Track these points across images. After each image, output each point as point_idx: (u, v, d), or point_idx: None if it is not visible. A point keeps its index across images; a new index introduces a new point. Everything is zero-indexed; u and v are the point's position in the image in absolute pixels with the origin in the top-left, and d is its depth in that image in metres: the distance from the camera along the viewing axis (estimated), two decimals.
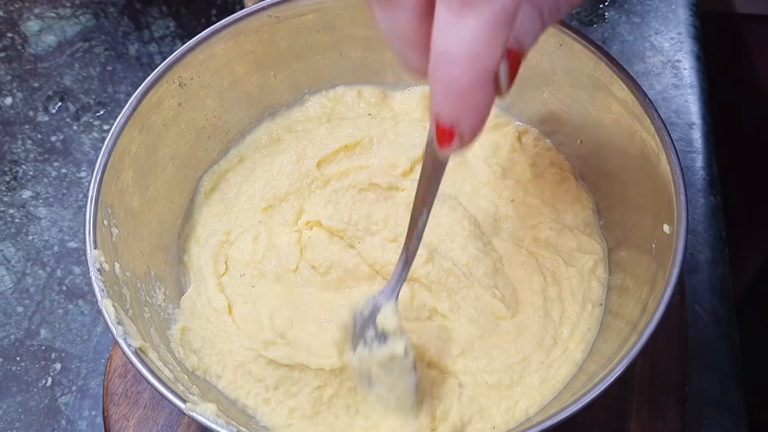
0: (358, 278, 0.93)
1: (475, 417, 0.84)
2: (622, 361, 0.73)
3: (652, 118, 0.85)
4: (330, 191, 0.97)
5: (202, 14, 1.42)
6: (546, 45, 0.95)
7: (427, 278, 0.90)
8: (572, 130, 1.01)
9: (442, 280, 0.90)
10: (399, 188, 0.99)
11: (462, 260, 0.92)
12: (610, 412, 0.94)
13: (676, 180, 0.81)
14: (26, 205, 1.21)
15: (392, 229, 0.94)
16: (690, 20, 1.37)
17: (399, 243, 0.92)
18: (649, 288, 0.81)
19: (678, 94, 1.28)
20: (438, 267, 0.91)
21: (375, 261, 0.92)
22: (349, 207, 0.95)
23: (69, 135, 1.28)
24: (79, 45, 1.39)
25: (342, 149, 1.02)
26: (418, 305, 0.91)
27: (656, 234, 0.84)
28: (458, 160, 1.03)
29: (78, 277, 1.13)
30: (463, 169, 1.03)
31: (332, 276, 0.93)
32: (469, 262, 0.92)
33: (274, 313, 0.90)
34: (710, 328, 1.06)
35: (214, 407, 0.75)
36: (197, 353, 0.89)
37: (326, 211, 0.94)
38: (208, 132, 1.02)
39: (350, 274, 0.93)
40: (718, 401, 1.01)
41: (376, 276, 0.93)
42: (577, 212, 0.99)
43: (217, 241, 0.97)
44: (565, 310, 0.91)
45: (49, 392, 1.04)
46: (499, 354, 0.88)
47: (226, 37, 0.96)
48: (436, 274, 0.90)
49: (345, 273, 0.92)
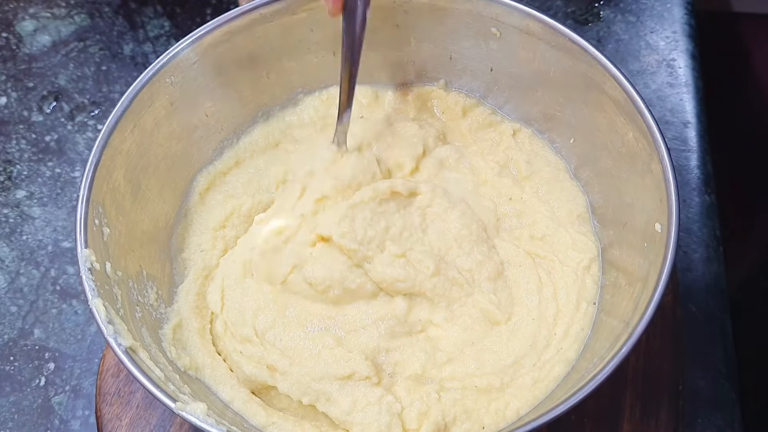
0: (357, 296, 0.92)
1: (461, 417, 0.83)
2: (614, 359, 0.73)
3: (644, 117, 0.85)
4: (348, 206, 0.92)
5: (196, 14, 1.42)
6: (540, 44, 0.96)
7: (433, 291, 0.91)
8: (566, 129, 1.01)
9: (446, 291, 0.91)
10: (418, 193, 0.97)
11: (466, 266, 0.93)
12: (603, 410, 0.94)
13: (668, 179, 0.81)
14: (20, 205, 1.21)
15: (404, 242, 0.92)
16: (685, 18, 1.37)
17: (407, 258, 0.91)
18: (642, 286, 0.81)
19: (673, 92, 1.28)
20: (444, 278, 0.91)
21: (382, 279, 0.90)
22: (366, 223, 0.91)
23: (63, 135, 1.28)
24: (74, 45, 1.39)
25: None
26: (413, 320, 0.91)
27: (649, 232, 0.84)
28: (458, 156, 1.03)
29: (72, 277, 1.13)
30: (463, 167, 1.03)
31: (330, 294, 0.91)
32: (472, 267, 0.93)
33: (258, 311, 0.90)
34: (704, 326, 1.06)
35: (204, 406, 0.75)
36: (187, 350, 0.89)
37: (340, 228, 0.90)
38: (201, 131, 1.02)
39: (350, 293, 0.91)
40: (712, 400, 1.01)
41: (379, 293, 0.92)
42: (572, 210, 0.99)
43: (212, 239, 0.98)
44: (560, 309, 0.91)
45: (42, 392, 1.04)
46: (490, 358, 0.88)
47: (218, 36, 0.96)
48: (442, 286, 0.91)
49: (344, 292, 0.91)
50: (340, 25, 1.02)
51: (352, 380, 0.85)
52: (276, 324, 0.89)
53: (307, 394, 0.85)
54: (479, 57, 1.03)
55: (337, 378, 0.85)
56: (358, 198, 0.92)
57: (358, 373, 0.84)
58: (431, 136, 1.04)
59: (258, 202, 1.01)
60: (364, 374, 0.84)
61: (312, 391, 0.85)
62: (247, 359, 0.87)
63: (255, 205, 1.01)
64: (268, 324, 0.89)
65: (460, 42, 1.03)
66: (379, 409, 0.83)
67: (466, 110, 1.09)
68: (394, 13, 1.01)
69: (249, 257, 0.93)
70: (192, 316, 0.92)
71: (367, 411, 0.83)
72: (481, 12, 0.97)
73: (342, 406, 0.83)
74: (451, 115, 1.09)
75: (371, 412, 0.83)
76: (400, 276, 0.89)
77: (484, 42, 1.01)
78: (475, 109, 1.09)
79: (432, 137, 1.04)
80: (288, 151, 1.07)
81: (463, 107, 1.08)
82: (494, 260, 0.94)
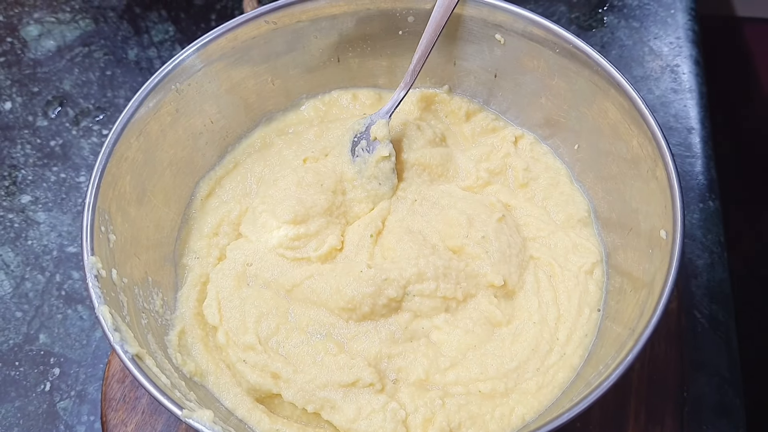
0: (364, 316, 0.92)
1: (466, 423, 0.83)
2: (620, 366, 0.73)
3: (648, 123, 0.85)
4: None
5: (201, 19, 1.42)
6: (544, 50, 0.96)
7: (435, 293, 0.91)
8: (569, 135, 1.01)
9: (449, 294, 0.91)
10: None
11: (470, 268, 0.93)
12: (608, 417, 0.94)
13: (672, 185, 0.82)
14: (25, 210, 1.21)
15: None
16: (689, 24, 1.36)
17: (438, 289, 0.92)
18: (647, 292, 0.81)
19: (677, 98, 1.28)
20: (452, 279, 0.91)
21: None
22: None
23: (68, 140, 1.29)
24: (79, 50, 1.39)
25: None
26: (415, 325, 0.91)
27: (654, 238, 0.84)
28: (446, 162, 1.04)
29: (77, 282, 1.14)
30: (451, 174, 1.04)
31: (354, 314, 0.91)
32: (476, 269, 0.93)
33: (261, 318, 0.90)
34: (709, 333, 1.06)
35: (211, 414, 0.75)
36: (192, 357, 0.89)
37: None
38: (206, 137, 1.02)
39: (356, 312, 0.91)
40: (717, 406, 1.01)
41: (390, 314, 0.91)
42: (572, 215, 0.99)
43: (207, 247, 0.98)
44: (561, 314, 0.91)
45: (47, 397, 1.04)
46: (493, 362, 0.88)
47: (223, 43, 0.96)
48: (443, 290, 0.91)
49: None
50: (343, 31, 1.03)
51: (356, 387, 0.85)
52: (279, 330, 0.90)
53: (312, 401, 0.85)
54: (483, 63, 1.04)
55: (341, 385, 0.85)
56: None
57: (362, 380, 0.84)
58: (428, 138, 1.04)
59: (244, 208, 1.01)
60: (368, 381, 0.84)
61: (317, 398, 0.85)
62: (251, 368, 0.87)
63: (242, 212, 1.01)
64: (271, 330, 0.89)
65: (464, 48, 1.03)
66: (384, 417, 0.83)
67: (470, 115, 1.09)
68: (400, 19, 1.02)
69: (241, 270, 0.94)
70: (195, 323, 0.92)
71: (372, 419, 0.83)
72: (486, 18, 0.98)
73: (347, 414, 0.84)
74: (454, 118, 1.10)
75: (376, 419, 0.83)
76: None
77: (489, 48, 1.01)
78: (478, 113, 1.09)
79: (429, 139, 1.04)
80: (278, 147, 1.07)
81: (466, 111, 1.09)
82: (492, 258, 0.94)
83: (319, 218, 0.96)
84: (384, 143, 1.00)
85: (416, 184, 1.02)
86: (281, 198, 0.97)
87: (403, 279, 0.89)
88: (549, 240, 0.97)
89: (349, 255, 0.96)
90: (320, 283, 0.91)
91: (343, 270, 0.92)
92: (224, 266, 0.96)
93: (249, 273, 0.94)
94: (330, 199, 0.98)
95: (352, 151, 1.01)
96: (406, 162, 1.03)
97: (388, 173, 1.00)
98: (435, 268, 0.90)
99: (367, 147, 1.00)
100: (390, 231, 0.97)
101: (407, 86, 1.00)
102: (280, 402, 0.88)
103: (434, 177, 1.04)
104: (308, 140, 1.05)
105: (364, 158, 1.00)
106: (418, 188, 1.02)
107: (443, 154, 1.04)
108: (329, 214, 0.98)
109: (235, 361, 0.88)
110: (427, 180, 1.03)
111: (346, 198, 1.00)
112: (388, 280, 0.89)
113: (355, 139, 1.01)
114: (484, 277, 0.92)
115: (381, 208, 1.00)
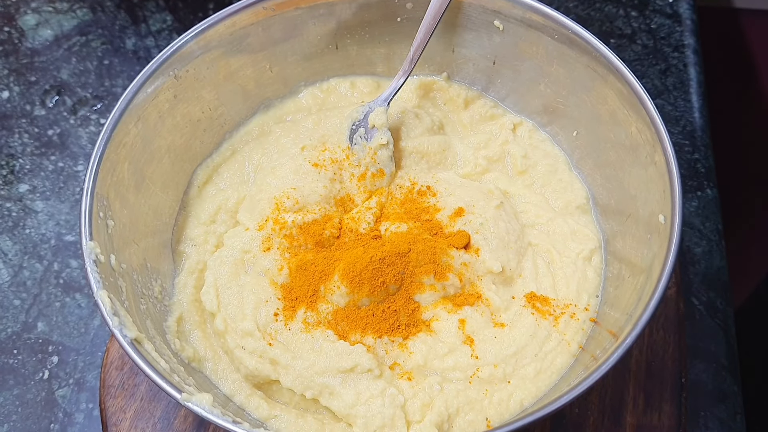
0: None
1: (464, 408, 0.84)
2: (617, 351, 0.74)
3: (647, 107, 0.85)
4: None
5: (198, 8, 1.42)
6: (543, 36, 0.96)
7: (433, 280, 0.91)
8: (568, 122, 1.01)
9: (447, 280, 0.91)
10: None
11: (469, 255, 0.93)
12: (606, 403, 0.94)
13: (671, 169, 0.82)
14: (23, 199, 1.21)
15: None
16: (688, 14, 1.37)
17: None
18: (645, 277, 0.82)
19: (675, 88, 1.28)
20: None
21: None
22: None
23: (66, 129, 1.28)
24: (76, 39, 1.39)
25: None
26: (414, 313, 0.91)
27: (652, 224, 0.84)
28: (444, 150, 1.04)
29: (75, 271, 1.13)
30: (449, 162, 1.04)
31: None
32: (474, 256, 0.93)
33: (259, 304, 0.90)
34: (706, 319, 1.06)
35: (210, 397, 0.75)
36: (190, 342, 0.89)
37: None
38: (204, 124, 1.02)
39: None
40: (715, 392, 1.01)
41: (388, 300, 0.91)
42: (570, 201, 0.99)
43: (204, 234, 0.98)
44: (559, 300, 0.92)
45: (46, 385, 1.04)
46: (491, 348, 0.88)
47: (221, 29, 0.96)
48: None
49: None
50: (342, 17, 1.03)
51: (354, 373, 0.85)
52: (277, 316, 0.90)
53: (310, 387, 0.85)
54: (482, 50, 1.04)
55: (340, 371, 0.85)
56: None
57: (360, 366, 0.84)
58: (427, 126, 1.04)
59: (242, 196, 1.01)
60: (366, 367, 0.85)
61: (315, 384, 0.85)
62: (249, 354, 0.87)
63: (240, 200, 1.00)
64: (270, 317, 0.89)
65: (463, 35, 1.03)
66: (383, 402, 0.83)
67: (468, 102, 1.09)
68: (399, 6, 1.02)
69: (239, 257, 0.94)
70: (193, 309, 0.92)
71: (371, 404, 0.83)
72: (485, 5, 0.97)
73: (345, 400, 0.84)
74: (452, 106, 1.09)
75: (374, 404, 0.83)
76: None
77: (487, 35, 1.01)
78: (477, 101, 1.09)
79: (427, 127, 1.04)
80: (276, 134, 1.07)
81: (465, 99, 1.09)
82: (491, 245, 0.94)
83: (316, 206, 0.96)
84: (382, 131, 1.00)
85: (414, 171, 1.02)
86: (279, 186, 0.97)
87: (400, 265, 0.89)
88: (547, 227, 0.97)
89: (347, 242, 0.96)
90: (319, 269, 0.91)
91: (340, 257, 0.92)
92: (222, 254, 0.95)
93: (247, 260, 0.94)
94: (328, 187, 0.98)
95: (351, 138, 1.01)
96: (405, 150, 1.03)
97: (387, 161, 1.00)
98: (433, 255, 0.90)
99: (366, 135, 1.00)
100: (388, 218, 0.97)
101: (406, 74, 1.00)
102: (279, 388, 0.88)
103: (432, 165, 1.04)
104: (306, 128, 1.05)
105: (363, 146, 1.00)
106: (416, 176, 1.02)
107: (441, 142, 1.04)
108: (327, 202, 0.97)
109: (234, 347, 0.88)
110: (426, 168, 1.03)
111: (344, 186, 1.00)
112: (386, 263, 0.89)
113: (354, 127, 1.01)
114: (483, 264, 0.92)
115: (379, 196, 1.00)
